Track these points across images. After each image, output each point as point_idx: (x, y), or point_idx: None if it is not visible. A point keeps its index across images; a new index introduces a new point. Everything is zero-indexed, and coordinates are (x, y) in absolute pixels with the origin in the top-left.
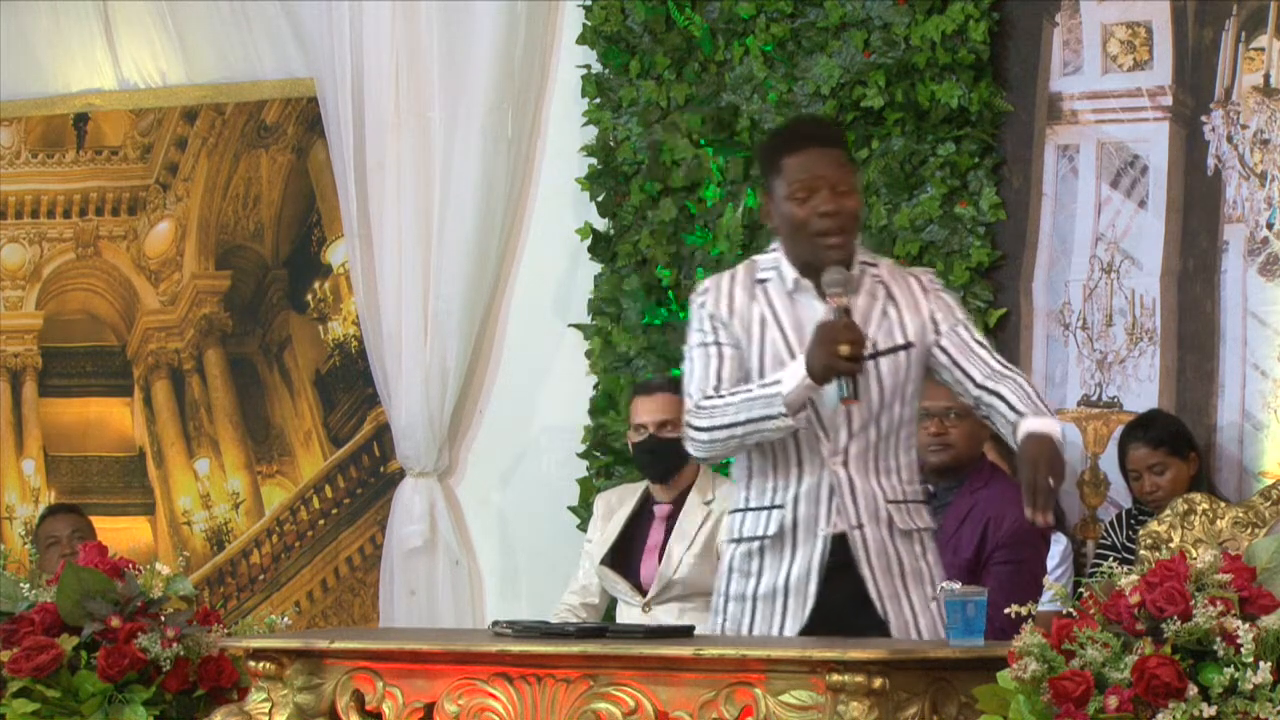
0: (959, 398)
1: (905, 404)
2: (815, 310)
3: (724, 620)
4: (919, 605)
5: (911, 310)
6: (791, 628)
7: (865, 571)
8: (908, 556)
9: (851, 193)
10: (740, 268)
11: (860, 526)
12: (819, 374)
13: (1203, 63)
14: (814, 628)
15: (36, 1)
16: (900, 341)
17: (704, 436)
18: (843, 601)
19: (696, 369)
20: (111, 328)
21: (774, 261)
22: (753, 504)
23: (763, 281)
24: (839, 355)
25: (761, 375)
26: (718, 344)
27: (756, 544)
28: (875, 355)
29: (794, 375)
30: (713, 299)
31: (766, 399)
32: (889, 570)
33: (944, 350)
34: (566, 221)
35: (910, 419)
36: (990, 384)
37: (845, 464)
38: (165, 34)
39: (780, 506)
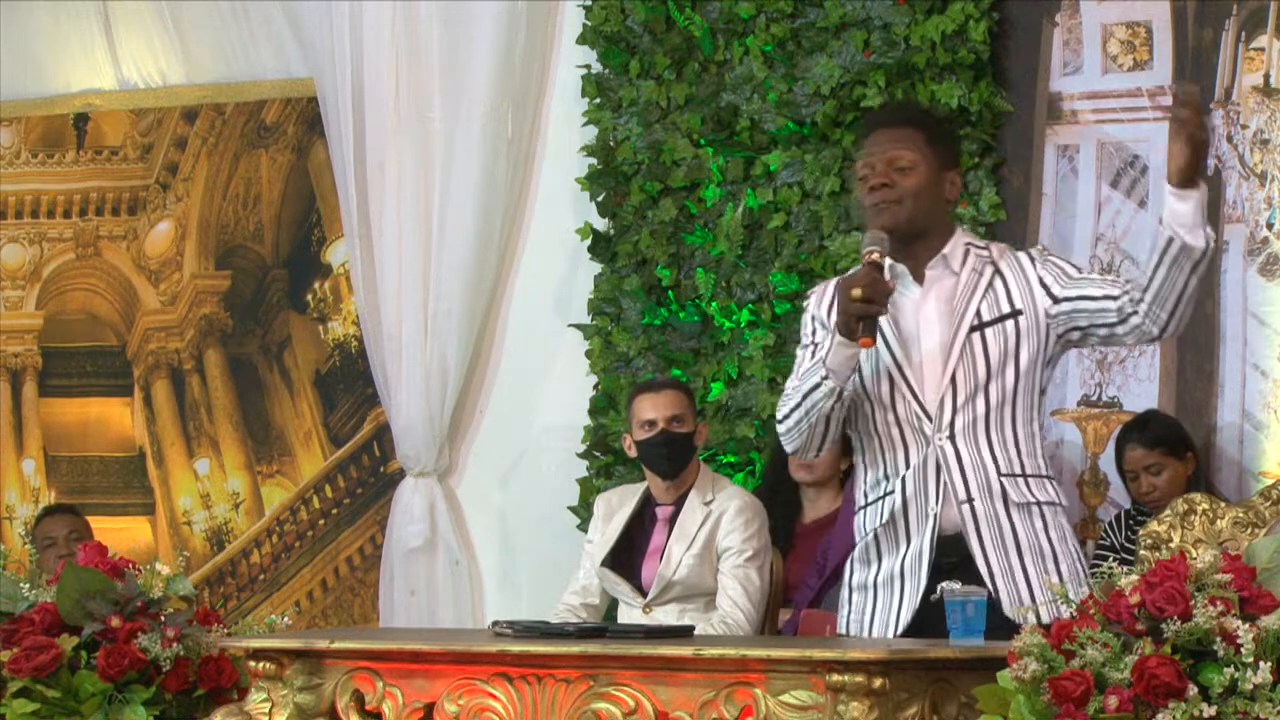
0: (1117, 331)
1: (1021, 375)
2: (912, 293)
3: (849, 611)
4: (1036, 582)
5: (1019, 281)
6: (908, 610)
7: (975, 546)
8: (1025, 531)
9: (912, 169)
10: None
11: (970, 501)
12: (841, 325)
13: (1203, 63)
14: (930, 609)
15: (36, 1)
16: (1006, 310)
17: (783, 426)
18: (959, 580)
19: (794, 371)
20: (111, 328)
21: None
22: (870, 498)
23: None
24: (851, 299)
25: (864, 367)
26: (814, 343)
27: (873, 535)
28: (981, 327)
29: (830, 338)
30: (815, 301)
31: (814, 368)
32: (1002, 545)
33: (1065, 299)
34: (566, 221)
35: (1030, 389)
36: (1122, 281)
37: (951, 439)
38: (165, 34)
39: (891, 493)
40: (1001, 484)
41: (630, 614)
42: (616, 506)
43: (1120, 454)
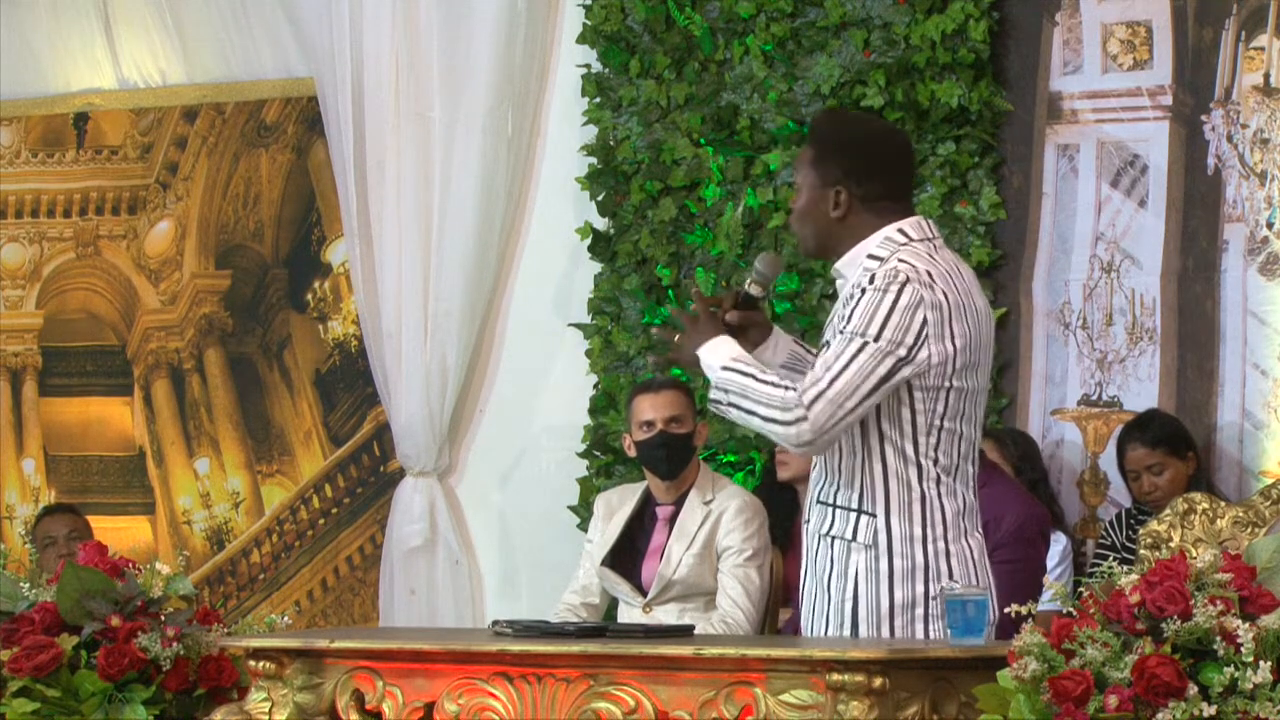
0: None
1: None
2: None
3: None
4: (833, 608)
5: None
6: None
7: (804, 562)
8: (821, 558)
9: (799, 192)
10: None
11: (808, 521)
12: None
13: (1203, 62)
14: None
15: (36, 0)
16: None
17: None
18: None
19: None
20: (111, 327)
21: None
22: None
23: None
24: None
25: None
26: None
27: None
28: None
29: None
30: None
31: None
32: (814, 567)
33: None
34: (566, 221)
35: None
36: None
37: (814, 461)
38: (165, 33)
39: None
40: (815, 509)
41: (630, 614)
42: (616, 506)
43: (1121, 453)
